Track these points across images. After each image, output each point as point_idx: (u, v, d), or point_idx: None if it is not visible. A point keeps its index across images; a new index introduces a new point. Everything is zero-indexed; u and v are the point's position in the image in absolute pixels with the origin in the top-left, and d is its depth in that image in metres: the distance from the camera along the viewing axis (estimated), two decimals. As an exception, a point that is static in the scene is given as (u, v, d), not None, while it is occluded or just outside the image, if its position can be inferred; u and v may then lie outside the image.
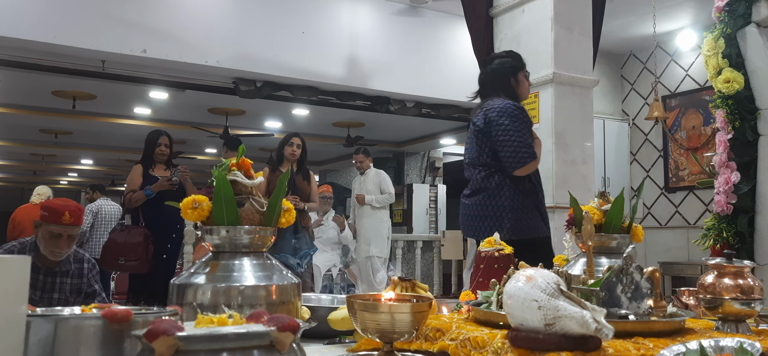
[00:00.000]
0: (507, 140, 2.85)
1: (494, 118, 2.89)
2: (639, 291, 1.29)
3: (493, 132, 2.88)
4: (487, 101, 3.02)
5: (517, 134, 2.85)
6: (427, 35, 7.33)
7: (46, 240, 2.86)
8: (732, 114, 3.54)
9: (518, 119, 2.89)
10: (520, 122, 2.88)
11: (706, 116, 7.18)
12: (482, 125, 2.92)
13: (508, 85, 3.06)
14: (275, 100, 7.22)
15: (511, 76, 3.07)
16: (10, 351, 0.85)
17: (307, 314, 1.49)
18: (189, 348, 0.73)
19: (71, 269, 3.02)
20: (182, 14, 6.10)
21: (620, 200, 1.67)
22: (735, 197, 3.54)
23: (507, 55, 3.22)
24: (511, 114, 2.88)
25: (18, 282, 0.88)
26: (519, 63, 3.13)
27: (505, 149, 2.86)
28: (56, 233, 2.84)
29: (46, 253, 2.87)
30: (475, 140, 2.99)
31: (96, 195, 7.88)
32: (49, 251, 2.86)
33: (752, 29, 3.60)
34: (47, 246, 2.86)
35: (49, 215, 2.85)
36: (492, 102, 2.97)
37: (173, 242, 4.83)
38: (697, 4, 6.61)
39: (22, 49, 5.72)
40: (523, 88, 3.11)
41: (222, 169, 1.30)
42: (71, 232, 2.88)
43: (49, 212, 2.86)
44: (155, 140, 4.85)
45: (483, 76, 3.20)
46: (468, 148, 3.11)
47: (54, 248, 2.86)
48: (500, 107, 2.91)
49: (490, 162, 2.94)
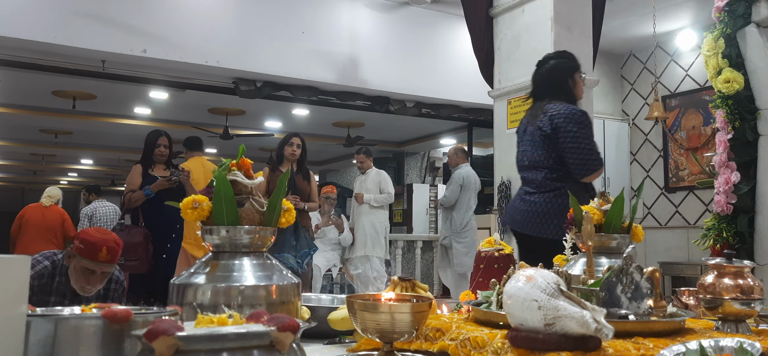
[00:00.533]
0: (575, 147, 2.89)
1: (562, 124, 2.91)
2: (639, 291, 1.29)
3: (560, 138, 2.91)
4: (547, 103, 3.03)
5: (585, 141, 2.90)
6: (427, 35, 7.33)
7: (77, 274, 2.62)
8: (732, 114, 3.54)
9: (585, 125, 2.93)
10: (587, 129, 2.93)
11: (706, 116, 7.18)
12: (550, 131, 2.94)
13: (566, 87, 3.08)
14: (275, 100, 7.22)
15: (568, 78, 3.10)
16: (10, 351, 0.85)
17: (307, 314, 1.49)
18: (189, 348, 0.73)
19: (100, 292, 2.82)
20: (182, 14, 6.10)
21: (620, 200, 1.67)
22: (735, 197, 3.54)
23: (562, 55, 3.24)
24: (578, 121, 2.92)
25: (18, 282, 0.88)
26: (575, 64, 3.16)
27: (573, 155, 2.90)
28: (90, 269, 2.60)
29: (75, 286, 2.65)
30: (542, 143, 2.98)
31: (92, 197, 7.88)
32: (78, 286, 2.64)
33: (752, 29, 3.60)
34: (78, 281, 2.63)
35: (85, 249, 2.58)
36: (556, 106, 2.98)
37: (173, 242, 4.83)
38: (697, 4, 6.61)
39: (22, 49, 5.72)
40: (579, 89, 3.14)
41: (222, 169, 1.30)
42: (106, 269, 2.64)
43: (84, 246, 2.59)
44: (155, 140, 4.85)
45: (538, 77, 3.20)
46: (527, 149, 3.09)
47: (85, 284, 2.63)
48: (567, 113, 2.94)
49: (555, 166, 2.96)
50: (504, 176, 4.91)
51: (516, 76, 4.89)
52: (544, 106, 3.03)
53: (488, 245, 1.95)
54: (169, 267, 4.71)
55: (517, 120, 4.87)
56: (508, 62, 4.99)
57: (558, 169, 2.95)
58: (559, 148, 2.92)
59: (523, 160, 3.12)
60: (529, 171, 3.07)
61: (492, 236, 1.99)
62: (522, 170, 3.15)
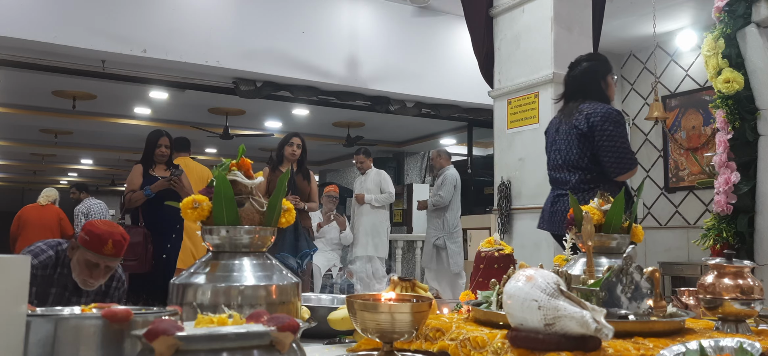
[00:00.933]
0: (611, 146, 2.94)
1: (598, 123, 2.97)
2: (639, 291, 1.29)
3: (596, 137, 2.96)
4: (581, 103, 3.09)
5: (620, 140, 2.96)
6: (427, 35, 7.34)
7: (80, 267, 2.56)
8: (732, 114, 3.54)
9: (620, 124, 2.99)
10: (622, 128, 2.99)
11: (706, 116, 7.18)
12: (586, 130, 2.99)
13: (599, 88, 3.14)
14: (275, 100, 7.22)
15: (601, 79, 3.17)
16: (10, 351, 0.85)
17: (307, 314, 1.49)
18: (189, 347, 0.73)
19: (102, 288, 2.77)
20: (182, 14, 6.10)
21: (620, 200, 1.67)
22: (735, 197, 3.54)
23: (594, 58, 3.32)
24: (614, 120, 2.98)
25: (18, 282, 0.88)
26: (607, 66, 3.23)
27: (609, 154, 2.95)
28: (93, 262, 2.54)
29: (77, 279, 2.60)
30: (577, 143, 3.04)
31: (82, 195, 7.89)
32: (81, 280, 2.58)
33: (752, 29, 3.60)
34: (81, 274, 2.57)
35: (90, 240, 2.53)
36: (592, 106, 3.04)
37: (173, 243, 4.83)
38: (697, 4, 6.61)
39: (22, 49, 5.72)
40: (612, 90, 3.21)
41: (222, 169, 1.30)
42: (110, 263, 2.59)
43: (90, 238, 2.53)
44: (156, 140, 4.85)
45: (571, 79, 3.26)
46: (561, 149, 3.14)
47: (88, 277, 2.57)
48: (603, 112, 2.99)
49: (589, 166, 3.02)
50: (504, 176, 4.90)
51: (516, 76, 4.89)
52: (578, 105, 3.09)
53: (488, 245, 1.95)
54: (169, 267, 4.71)
55: (517, 120, 4.87)
56: (508, 62, 4.99)
57: (592, 169, 3.01)
58: (594, 146, 2.97)
59: (557, 159, 3.17)
60: (562, 171, 3.12)
61: (492, 236, 1.99)
62: (554, 170, 3.19)
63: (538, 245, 4.59)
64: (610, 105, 3.08)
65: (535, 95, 4.71)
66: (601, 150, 2.95)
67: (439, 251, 6.96)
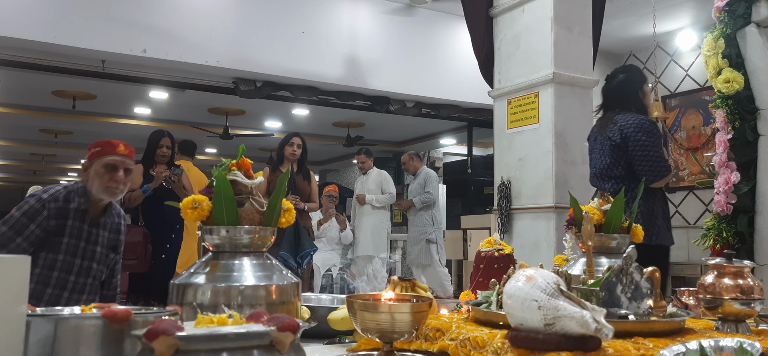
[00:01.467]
0: (644, 155, 3.12)
1: (631, 133, 3.14)
2: (639, 291, 1.29)
3: (630, 147, 3.14)
4: (617, 114, 3.26)
5: (654, 149, 3.13)
6: (427, 35, 7.33)
7: (100, 177, 2.55)
8: (732, 114, 3.54)
9: (654, 134, 3.16)
10: (655, 137, 3.16)
11: (705, 116, 7.18)
12: (619, 140, 3.16)
13: (636, 99, 3.32)
14: (275, 100, 7.22)
15: (638, 90, 3.35)
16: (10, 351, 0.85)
17: (307, 314, 1.49)
18: (189, 347, 0.73)
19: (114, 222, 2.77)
20: (182, 14, 6.10)
21: (620, 200, 1.67)
22: (735, 197, 3.54)
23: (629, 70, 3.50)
24: (647, 130, 3.15)
25: (18, 282, 0.88)
26: (642, 77, 3.44)
27: (642, 163, 3.12)
28: (112, 164, 2.55)
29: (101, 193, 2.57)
30: (611, 153, 3.22)
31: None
32: (105, 188, 2.55)
33: (752, 29, 3.59)
34: (103, 182, 2.55)
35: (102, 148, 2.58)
36: (625, 117, 3.21)
37: (172, 242, 4.83)
38: (697, 4, 6.61)
39: (22, 49, 5.72)
40: (648, 100, 3.42)
41: (222, 169, 1.30)
42: (128, 164, 2.60)
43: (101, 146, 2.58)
44: (157, 140, 4.86)
45: (609, 91, 3.43)
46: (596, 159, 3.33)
47: (111, 183, 2.55)
48: (636, 123, 3.17)
49: (623, 175, 3.19)
50: (504, 176, 4.90)
51: (516, 76, 4.89)
52: (613, 116, 3.26)
53: (488, 245, 1.95)
54: (169, 267, 4.71)
55: (517, 120, 4.87)
56: (508, 62, 4.99)
57: (626, 178, 3.17)
58: (628, 156, 3.15)
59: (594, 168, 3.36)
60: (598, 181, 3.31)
61: (492, 236, 1.99)
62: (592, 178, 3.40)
63: (538, 245, 4.59)
64: (644, 115, 3.25)
65: (535, 95, 4.70)
66: (635, 159, 3.12)
67: (429, 246, 7.05)
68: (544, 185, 4.55)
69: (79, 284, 2.64)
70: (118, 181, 2.58)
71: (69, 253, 2.59)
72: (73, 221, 2.60)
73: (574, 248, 1.82)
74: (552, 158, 4.49)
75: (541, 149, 4.60)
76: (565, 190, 4.33)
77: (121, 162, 2.58)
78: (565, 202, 4.33)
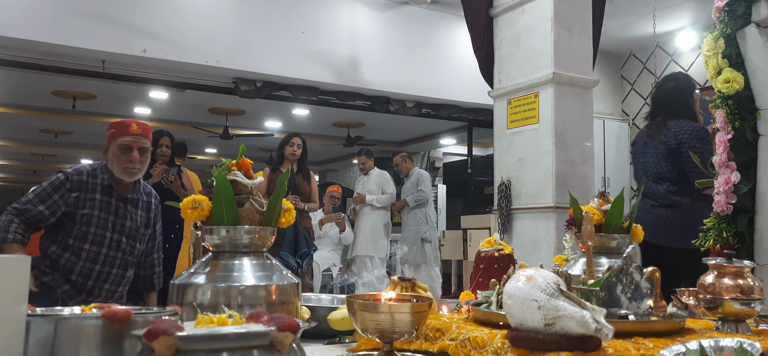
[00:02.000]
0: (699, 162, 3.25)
1: (686, 140, 3.29)
2: (639, 291, 1.29)
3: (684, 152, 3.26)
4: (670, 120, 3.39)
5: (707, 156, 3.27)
6: (427, 35, 7.33)
7: (117, 158, 2.68)
8: (732, 114, 3.54)
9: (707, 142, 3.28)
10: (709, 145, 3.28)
11: (706, 116, 7.17)
12: (674, 146, 3.31)
13: (687, 105, 3.46)
14: (275, 100, 7.22)
15: (689, 97, 3.48)
16: (10, 351, 0.85)
17: (307, 314, 1.49)
18: (189, 347, 0.73)
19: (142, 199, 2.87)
20: (182, 14, 6.10)
21: (620, 200, 1.67)
22: (735, 197, 3.53)
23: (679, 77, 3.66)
24: (701, 138, 3.31)
25: (18, 282, 0.88)
26: (692, 85, 3.58)
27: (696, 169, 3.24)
28: (126, 145, 2.65)
29: (120, 174, 2.69)
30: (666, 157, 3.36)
31: None
32: (122, 169, 2.68)
33: (752, 29, 3.59)
34: (120, 164, 2.67)
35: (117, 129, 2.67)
36: (680, 123, 3.36)
37: (172, 242, 4.83)
38: (697, 4, 6.61)
39: (22, 49, 5.72)
40: (697, 107, 3.53)
41: (222, 169, 1.30)
42: (142, 144, 2.70)
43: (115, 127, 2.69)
44: (157, 140, 4.85)
45: (659, 97, 3.58)
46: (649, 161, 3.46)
47: (127, 164, 2.67)
48: (691, 130, 3.33)
49: (676, 178, 3.33)
50: (504, 176, 4.90)
51: (516, 76, 4.89)
52: (666, 122, 3.40)
53: (488, 245, 1.95)
54: (168, 267, 4.70)
55: (517, 120, 4.87)
56: (508, 62, 4.99)
57: (679, 181, 3.31)
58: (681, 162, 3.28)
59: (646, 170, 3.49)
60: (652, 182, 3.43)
61: (492, 236, 1.99)
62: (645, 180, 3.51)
63: (538, 245, 4.59)
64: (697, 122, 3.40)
65: (535, 95, 4.70)
66: (689, 165, 3.23)
67: (423, 245, 7.07)
68: (544, 185, 4.55)
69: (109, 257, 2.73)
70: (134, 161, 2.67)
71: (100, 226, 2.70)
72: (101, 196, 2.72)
73: (574, 248, 1.82)
74: (552, 158, 4.49)
75: (541, 149, 4.60)
76: (565, 190, 4.33)
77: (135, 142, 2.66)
78: (565, 202, 4.33)
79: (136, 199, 2.83)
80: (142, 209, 2.86)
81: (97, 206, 2.70)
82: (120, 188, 2.77)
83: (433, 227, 7.23)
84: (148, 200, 2.90)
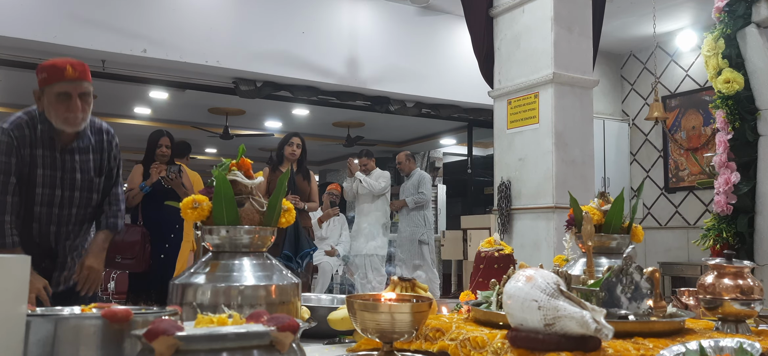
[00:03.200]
0: None
1: None
2: (639, 291, 1.29)
3: None
4: None
5: None
6: (427, 35, 7.33)
7: (54, 108, 2.31)
8: (732, 114, 3.54)
9: None
10: None
11: (706, 116, 7.18)
12: None
13: None
14: (275, 100, 7.22)
15: None
16: (10, 351, 0.85)
17: (307, 314, 1.49)
18: (189, 347, 0.73)
19: (91, 142, 2.51)
20: (182, 14, 6.10)
21: (620, 200, 1.67)
22: (735, 197, 3.54)
23: None
24: None
25: (18, 282, 0.88)
26: None
27: None
28: (64, 92, 2.29)
29: (60, 125, 2.34)
30: None
31: None
32: (63, 120, 2.32)
33: (752, 30, 3.60)
34: (59, 114, 2.31)
35: (48, 74, 2.30)
36: None
37: (172, 243, 4.83)
38: (697, 4, 6.61)
39: (22, 49, 5.72)
40: None
41: (222, 169, 1.30)
42: (82, 89, 2.32)
43: (47, 71, 2.30)
44: (157, 140, 4.86)
45: None
46: None
47: (67, 113, 2.31)
48: None
49: None
50: (504, 176, 4.91)
51: (516, 76, 4.89)
52: None
53: (488, 245, 1.94)
54: (168, 267, 4.71)
55: (517, 120, 4.87)
56: (508, 62, 5.00)
57: None
58: None
59: None
60: None
61: (492, 236, 1.99)
62: None
63: (538, 245, 4.59)
64: None
65: (535, 95, 4.71)
66: None
67: (421, 247, 7.07)
68: (544, 185, 4.55)
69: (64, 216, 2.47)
70: (75, 110, 2.32)
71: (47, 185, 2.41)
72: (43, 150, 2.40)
73: (574, 248, 1.81)
74: (552, 158, 4.49)
75: (541, 149, 4.60)
76: (565, 190, 4.33)
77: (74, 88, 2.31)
78: (565, 202, 4.33)
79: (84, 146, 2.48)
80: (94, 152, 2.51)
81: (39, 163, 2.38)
82: (63, 139, 2.42)
83: (430, 230, 7.21)
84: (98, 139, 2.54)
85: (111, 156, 2.60)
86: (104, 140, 2.56)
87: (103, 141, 2.55)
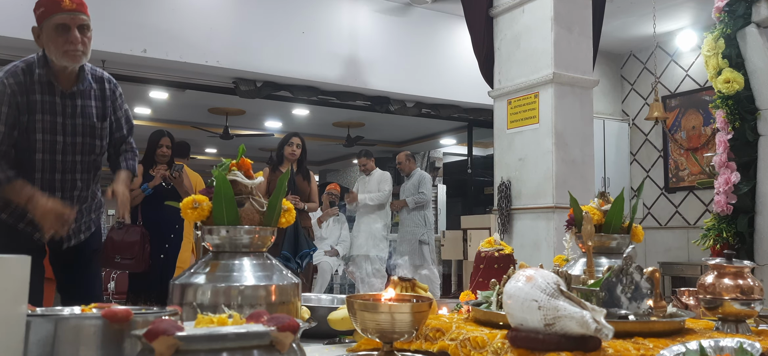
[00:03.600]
0: None
1: None
2: (639, 291, 1.29)
3: None
4: None
5: None
6: (427, 35, 7.33)
7: (53, 42, 2.25)
8: (732, 114, 3.54)
9: None
10: None
11: (706, 116, 7.18)
12: None
13: None
14: (275, 100, 7.22)
15: None
16: (10, 351, 0.85)
17: (307, 314, 1.49)
18: (189, 347, 0.73)
19: (93, 89, 2.45)
20: (182, 14, 6.10)
21: (620, 200, 1.67)
22: (735, 197, 3.54)
23: None
24: None
25: (18, 282, 0.88)
26: None
27: None
28: (62, 23, 2.23)
29: (60, 60, 2.28)
30: None
31: None
32: (62, 53, 2.26)
33: (752, 29, 3.60)
34: (59, 48, 2.25)
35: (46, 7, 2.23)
36: None
37: (171, 243, 4.83)
38: (697, 4, 6.61)
39: (22, 49, 5.71)
40: None
41: (222, 169, 1.30)
42: (80, 21, 2.27)
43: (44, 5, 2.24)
44: (157, 140, 4.86)
45: None
46: None
47: (67, 46, 2.25)
48: None
49: None
50: (504, 176, 4.91)
51: (516, 76, 4.89)
52: None
53: (488, 245, 1.95)
54: (168, 267, 4.71)
55: (517, 120, 4.87)
56: (508, 62, 5.00)
57: None
58: None
59: None
60: None
61: (492, 236, 1.99)
62: None
63: (538, 245, 4.59)
64: None
65: (535, 95, 4.71)
66: None
67: (421, 247, 7.07)
68: (544, 185, 4.55)
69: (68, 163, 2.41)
70: (75, 42, 2.25)
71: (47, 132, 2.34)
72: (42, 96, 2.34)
73: (574, 248, 1.82)
74: (552, 158, 4.49)
75: (541, 149, 4.60)
76: (565, 190, 4.33)
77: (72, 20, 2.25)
78: (565, 202, 4.33)
79: (86, 90, 2.42)
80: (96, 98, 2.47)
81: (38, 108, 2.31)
82: (63, 83, 2.36)
83: (430, 230, 7.21)
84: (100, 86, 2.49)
85: (116, 105, 2.56)
86: (106, 88, 2.52)
87: (105, 89, 2.51)
